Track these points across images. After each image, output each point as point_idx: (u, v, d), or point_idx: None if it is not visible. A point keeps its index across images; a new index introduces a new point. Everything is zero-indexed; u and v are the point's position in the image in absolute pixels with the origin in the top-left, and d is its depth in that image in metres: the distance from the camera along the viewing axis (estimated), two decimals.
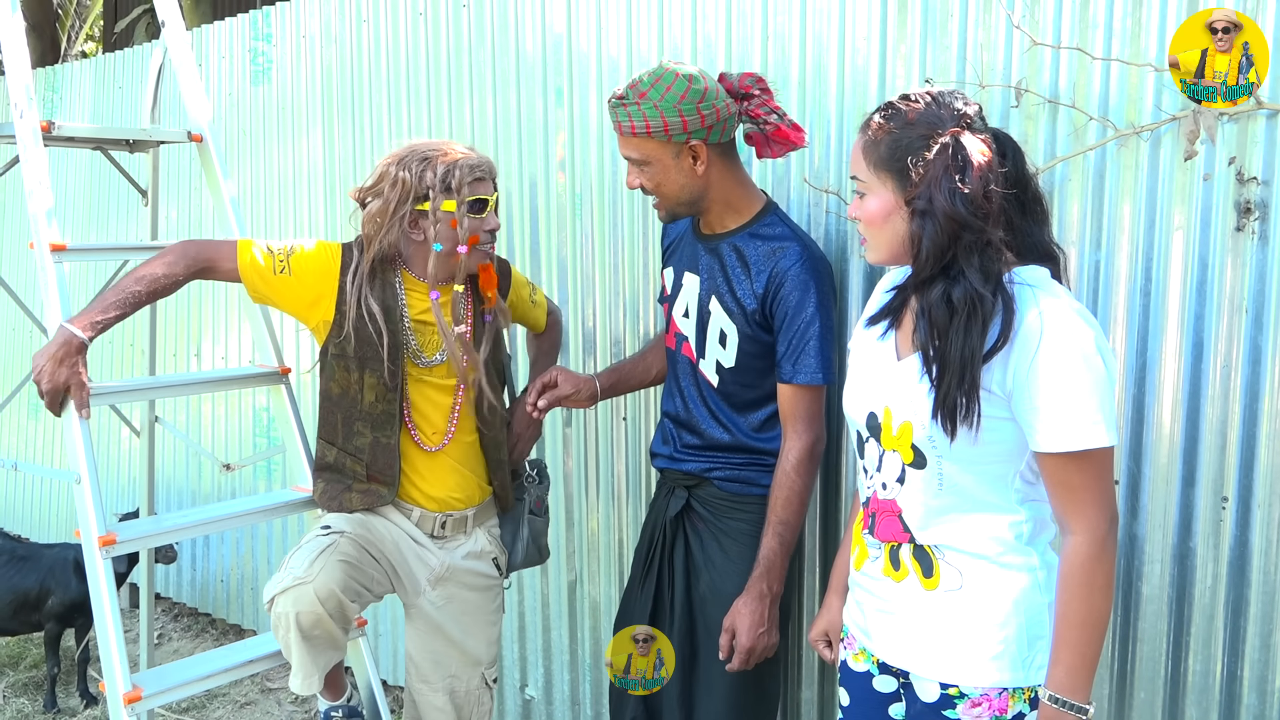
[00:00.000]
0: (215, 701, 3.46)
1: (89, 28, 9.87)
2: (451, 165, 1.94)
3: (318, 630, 1.85)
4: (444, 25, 2.95)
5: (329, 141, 3.32)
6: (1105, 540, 1.35)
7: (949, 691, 1.43)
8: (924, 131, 1.37)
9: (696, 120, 1.88)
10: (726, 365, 2.01)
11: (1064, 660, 1.35)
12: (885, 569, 1.50)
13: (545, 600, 2.89)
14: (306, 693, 1.93)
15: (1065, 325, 1.33)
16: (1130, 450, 1.91)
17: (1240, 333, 1.80)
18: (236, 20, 3.65)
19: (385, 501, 2.05)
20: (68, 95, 4.45)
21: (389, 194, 1.94)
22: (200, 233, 3.81)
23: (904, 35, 2.11)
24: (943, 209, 1.33)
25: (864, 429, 1.51)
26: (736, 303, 1.97)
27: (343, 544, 1.92)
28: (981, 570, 1.42)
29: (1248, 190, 1.77)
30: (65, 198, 4.42)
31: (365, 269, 2.00)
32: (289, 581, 1.83)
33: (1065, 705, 1.35)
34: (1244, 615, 1.82)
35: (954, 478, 1.41)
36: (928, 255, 1.35)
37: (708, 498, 2.08)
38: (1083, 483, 1.35)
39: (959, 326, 1.34)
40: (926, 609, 1.45)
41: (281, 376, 2.40)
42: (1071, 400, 1.32)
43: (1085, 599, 1.34)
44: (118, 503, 4.23)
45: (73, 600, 3.42)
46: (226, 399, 3.78)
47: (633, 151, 1.95)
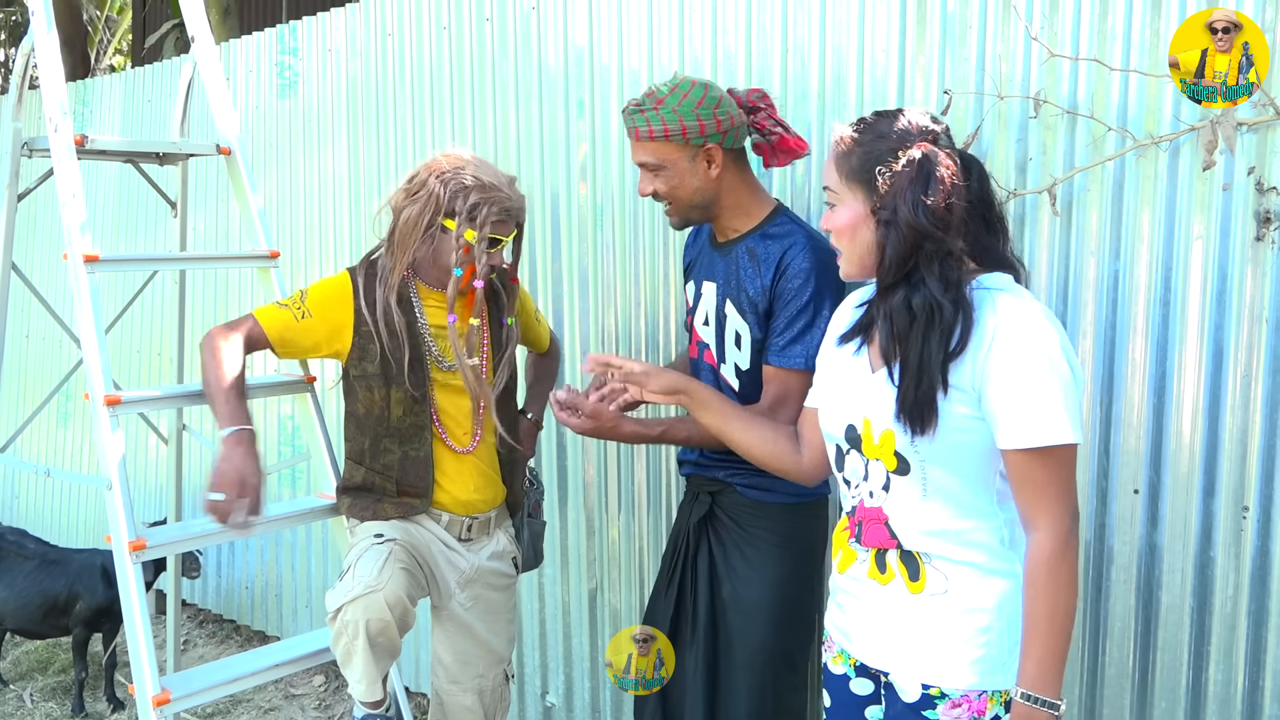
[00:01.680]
0: (239, 707, 3.50)
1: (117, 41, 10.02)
2: (482, 200, 1.99)
3: (382, 638, 1.88)
4: (467, 38, 2.99)
5: (354, 153, 3.37)
6: (1069, 536, 1.39)
7: (930, 692, 1.46)
8: (893, 145, 1.44)
9: (713, 124, 1.94)
10: (744, 367, 2.03)
11: (1034, 656, 1.39)
12: (871, 572, 1.53)
13: (566, 608, 2.90)
14: (370, 699, 1.97)
15: (1027, 324, 1.38)
16: (1150, 459, 1.92)
17: (1260, 342, 1.80)
18: (263, 34, 3.70)
19: (419, 511, 2.10)
20: (98, 109, 4.53)
21: (426, 203, 2.00)
22: (227, 244, 3.86)
23: (923, 47, 2.13)
24: (906, 219, 1.40)
25: (843, 441, 1.55)
26: (748, 301, 2.01)
27: (398, 551, 1.96)
28: (967, 575, 1.45)
29: (1267, 200, 1.77)
30: (96, 209, 4.49)
31: (394, 280, 2.04)
32: (360, 590, 1.85)
33: (1037, 701, 1.38)
34: (1266, 625, 1.82)
35: (938, 481, 1.44)
36: (890, 263, 1.42)
37: (729, 504, 2.09)
38: (1046, 479, 1.38)
39: (918, 332, 1.40)
40: (911, 612, 1.48)
41: (307, 385, 2.44)
42: (1034, 397, 1.36)
43: (1052, 595, 1.38)
44: (145, 510, 4.28)
45: (100, 605, 3.46)
46: (252, 407, 3.81)
47: (649, 156, 1.99)
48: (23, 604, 3.47)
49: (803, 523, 2.07)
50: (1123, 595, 1.96)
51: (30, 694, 3.68)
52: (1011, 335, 1.38)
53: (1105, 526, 1.97)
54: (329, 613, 1.89)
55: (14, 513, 5.10)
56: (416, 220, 2.01)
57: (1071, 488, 1.40)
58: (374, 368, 2.05)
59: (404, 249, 2.03)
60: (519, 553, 2.28)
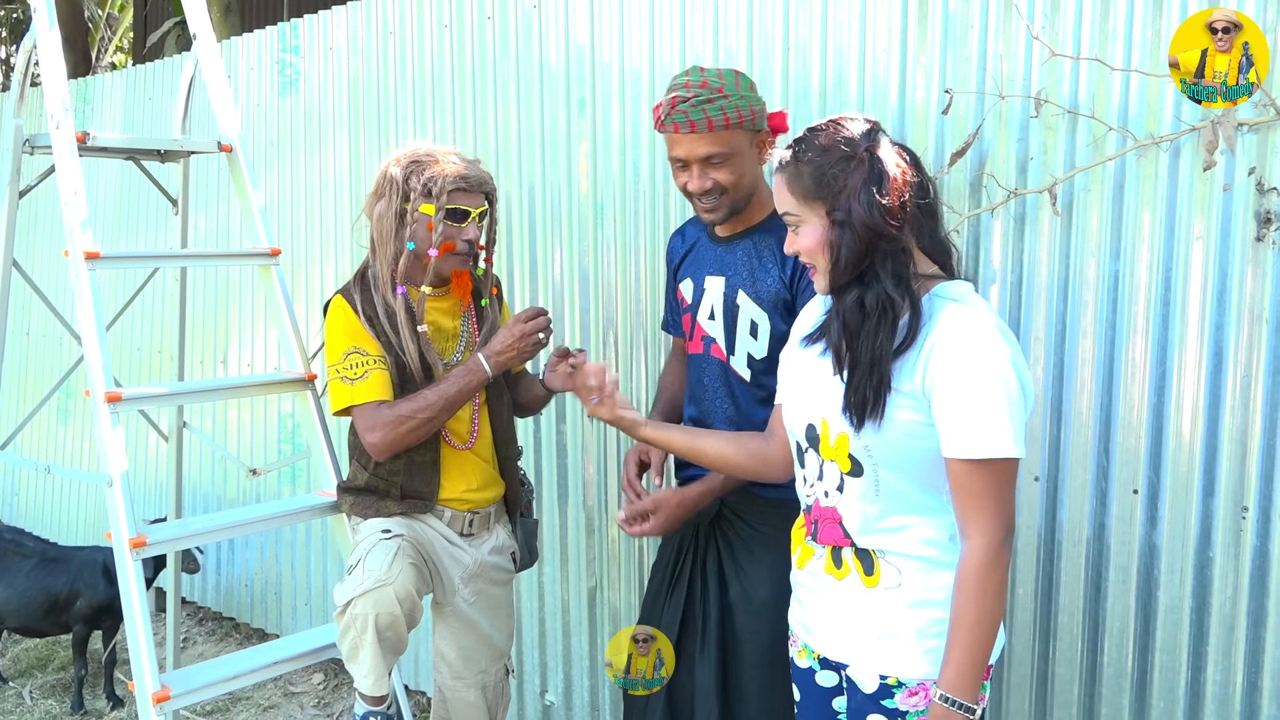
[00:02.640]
0: (239, 705, 3.50)
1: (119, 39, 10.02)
2: (437, 172, 2.02)
3: (390, 632, 1.89)
4: (468, 36, 2.99)
5: (355, 151, 3.37)
6: (1000, 548, 1.41)
7: (887, 681, 1.49)
8: (840, 154, 1.46)
9: (762, 108, 1.96)
10: (759, 356, 2.03)
11: (955, 660, 1.41)
12: (827, 567, 1.56)
13: (565, 606, 2.91)
14: (377, 692, 1.97)
15: (974, 335, 1.40)
16: (1150, 459, 1.92)
17: (1260, 342, 1.80)
18: (265, 32, 3.70)
19: (422, 511, 2.11)
20: (99, 106, 4.53)
21: (390, 194, 2.03)
22: (228, 241, 3.86)
23: (924, 46, 2.13)
24: (860, 219, 1.42)
25: (803, 440, 1.57)
26: (766, 289, 2.00)
27: (406, 546, 1.97)
28: (918, 569, 1.48)
29: (1268, 200, 1.77)
30: (97, 206, 4.49)
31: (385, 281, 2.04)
32: (370, 584, 1.86)
33: (955, 704, 1.40)
34: (1264, 626, 1.82)
35: (890, 483, 1.47)
36: (845, 264, 1.44)
37: (739, 504, 2.09)
38: (982, 490, 1.40)
39: (870, 329, 1.43)
40: (866, 605, 1.51)
41: (307, 383, 2.44)
42: (976, 408, 1.38)
43: (978, 603, 1.40)
44: (145, 507, 4.29)
45: (101, 602, 3.47)
46: (253, 405, 3.83)
47: (719, 147, 1.93)
48: (24, 602, 3.47)
49: None
50: (1121, 595, 1.96)
51: (30, 691, 3.68)
52: (957, 345, 1.39)
53: (1104, 526, 1.97)
54: (337, 606, 1.89)
55: (14, 510, 5.11)
56: (385, 214, 2.03)
57: (1008, 500, 1.42)
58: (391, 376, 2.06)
59: (384, 246, 2.04)
60: (516, 547, 2.29)
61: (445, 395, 1.99)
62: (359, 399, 1.99)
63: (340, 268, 3.46)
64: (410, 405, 1.98)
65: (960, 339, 1.40)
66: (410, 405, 1.98)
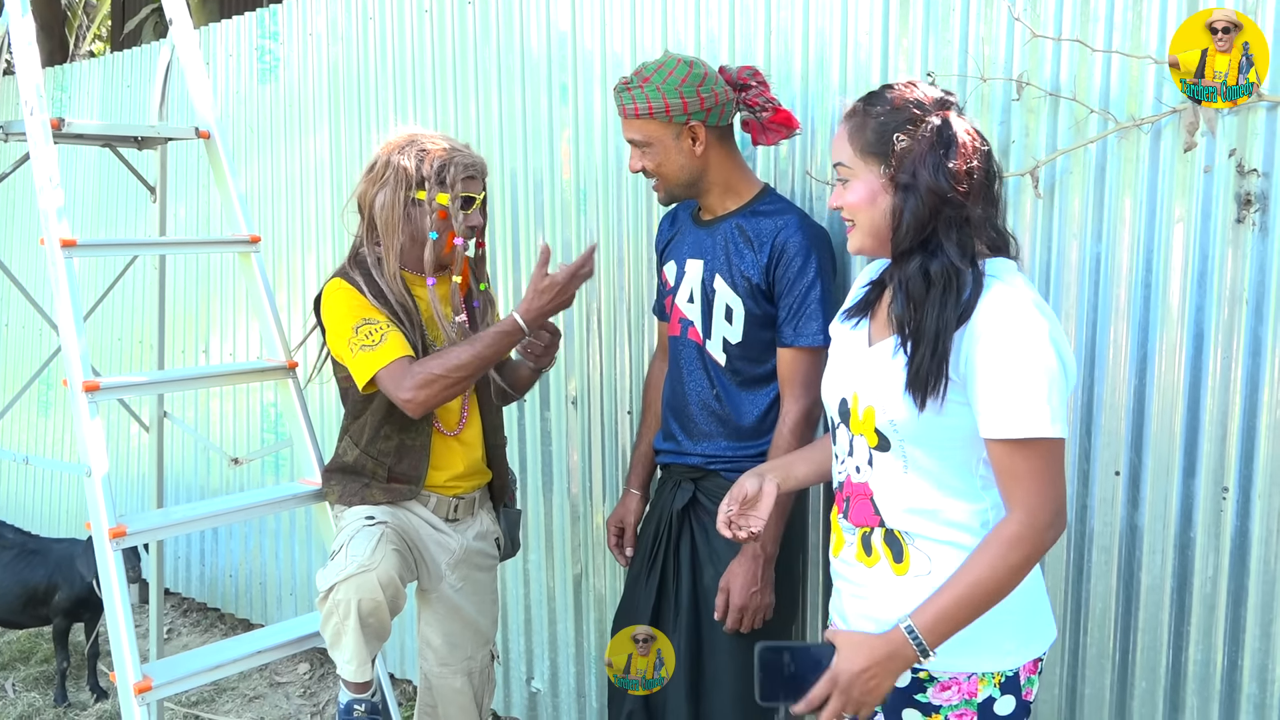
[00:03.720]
0: (224, 695, 3.49)
1: (96, 27, 9.92)
2: (448, 160, 2.01)
3: (373, 618, 1.87)
4: (449, 22, 2.96)
5: (335, 138, 3.34)
6: (1044, 530, 1.35)
7: (919, 675, 1.45)
8: (910, 115, 1.42)
9: (696, 102, 1.97)
10: (734, 341, 2.04)
11: (940, 604, 1.35)
12: (858, 555, 1.52)
13: (551, 594, 2.90)
14: (359, 679, 1.96)
15: (1015, 312, 1.36)
16: (1131, 441, 1.92)
17: (1241, 324, 1.81)
18: (244, 18, 3.67)
19: (407, 497, 2.09)
20: (77, 94, 4.48)
21: (395, 182, 2.01)
22: (209, 229, 3.83)
23: (906, 29, 2.13)
24: (926, 183, 1.38)
25: (836, 415, 1.55)
26: (742, 276, 2.02)
27: (390, 533, 1.95)
28: (950, 556, 1.43)
29: (1248, 182, 1.78)
30: (75, 195, 4.45)
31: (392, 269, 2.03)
32: (353, 569, 1.84)
33: (914, 637, 1.34)
34: (1244, 605, 1.83)
35: (917, 460, 1.43)
36: (908, 228, 1.39)
37: (714, 490, 2.09)
38: (1025, 471, 1.35)
39: (935, 299, 1.37)
40: (897, 594, 1.47)
41: (289, 371, 2.42)
42: (1017, 388, 1.34)
43: (990, 566, 1.34)
44: (127, 497, 4.26)
45: (80, 595, 3.44)
46: (235, 395, 3.81)
47: (636, 134, 2.02)
48: (2, 594, 3.45)
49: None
50: (1104, 576, 1.97)
51: (13, 684, 3.66)
52: (998, 323, 1.36)
53: (1087, 508, 1.98)
54: (319, 592, 1.88)
55: None
56: (392, 202, 2.01)
57: (1057, 481, 1.36)
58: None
59: (391, 235, 2.02)
60: (501, 533, 2.29)
61: (478, 355, 1.92)
62: (385, 359, 1.92)
63: (322, 256, 3.43)
64: (442, 363, 1.91)
65: (998, 317, 1.35)
66: (442, 363, 1.91)
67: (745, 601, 1.96)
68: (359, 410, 2.10)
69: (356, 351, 1.94)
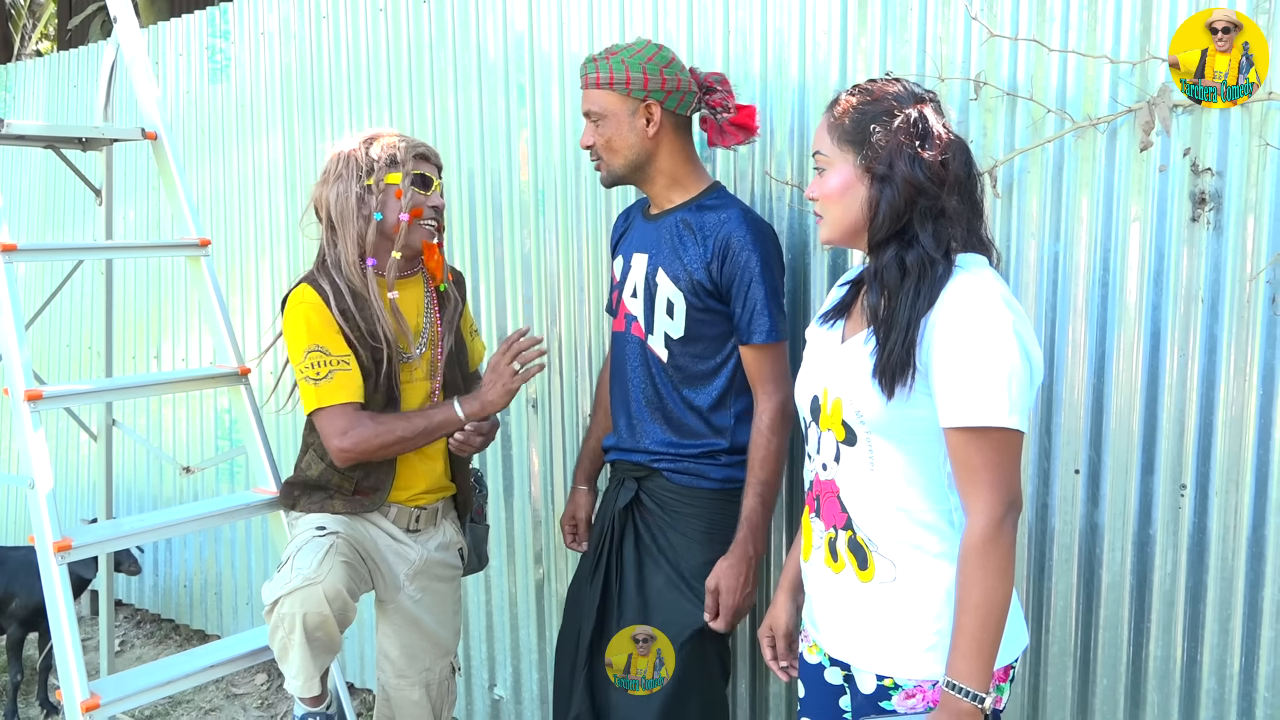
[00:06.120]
0: (180, 709, 3.41)
1: (43, 26, 9.70)
2: (396, 143, 2.01)
3: (320, 632, 1.83)
4: (404, 22, 2.92)
5: (289, 139, 3.28)
6: (1001, 524, 1.35)
7: (884, 683, 1.44)
8: (888, 106, 1.43)
9: (658, 81, 1.98)
10: (675, 336, 2.03)
11: (960, 646, 1.35)
12: (826, 560, 1.51)
13: (513, 599, 2.87)
14: (307, 694, 1.92)
15: (980, 303, 1.36)
16: (1090, 439, 1.93)
17: (1196, 322, 1.82)
18: (194, 17, 3.59)
19: (370, 510, 2.05)
20: (21, 94, 4.37)
21: (347, 175, 1.98)
22: (159, 233, 3.75)
23: (864, 29, 2.12)
24: (903, 174, 1.39)
25: (808, 414, 1.54)
26: (683, 270, 2.01)
27: (340, 545, 1.91)
28: (915, 561, 1.43)
29: (1202, 181, 1.79)
30: (20, 198, 4.34)
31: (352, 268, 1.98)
32: (298, 582, 1.81)
33: (960, 691, 1.34)
34: (1203, 601, 1.85)
35: (883, 454, 1.42)
36: (884, 218, 1.41)
37: (656, 490, 2.08)
38: (982, 463, 1.35)
39: (909, 288, 1.39)
40: (863, 601, 1.46)
41: (241, 377, 2.37)
42: (976, 377, 1.34)
43: (979, 583, 1.34)
44: (78, 507, 4.16)
45: (37, 604, 3.34)
46: (188, 401, 3.73)
47: (593, 104, 2.02)
48: None
49: (729, 509, 2.05)
50: (1064, 574, 1.98)
51: None
52: (960, 311, 1.35)
53: (1047, 506, 1.99)
54: (265, 605, 1.84)
55: None
56: (345, 194, 1.98)
57: (1010, 475, 1.36)
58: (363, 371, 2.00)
59: (346, 226, 1.98)
60: (465, 543, 2.25)
61: (417, 433, 1.97)
62: (327, 401, 1.92)
63: (275, 259, 3.37)
64: (379, 430, 1.93)
65: (961, 306, 1.36)
66: (379, 430, 1.93)
67: (736, 602, 1.97)
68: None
69: (303, 380, 1.94)
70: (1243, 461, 1.79)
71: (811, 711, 1.61)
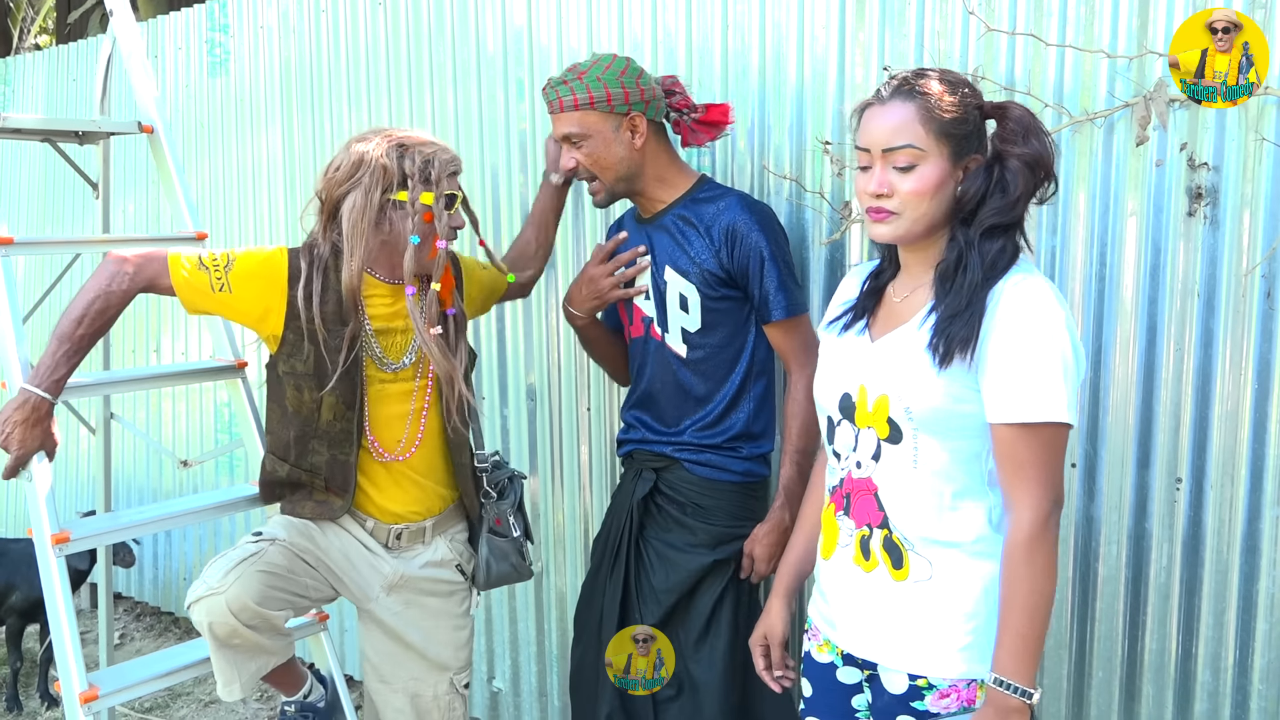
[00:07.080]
0: (179, 701, 3.42)
1: (42, 20, 9.69)
2: (431, 157, 1.86)
3: (236, 640, 1.80)
4: (404, 16, 2.92)
5: (288, 133, 3.28)
6: (1047, 521, 1.35)
7: (917, 683, 1.42)
8: (977, 100, 1.44)
9: (636, 93, 1.99)
10: (692, 329, 2.03)
11: (1006, 643, 1.35)
12: (855, 558, 1.49)
13: (511, 592, 2.87)
14: (229, 699, 1.91)
15: (1032, 300, 1.36)
16: (1086, 433, 1.94)
17: (1193, 316, 1.82)
18: (193, 11, 3.59)
19: (338, 514, 1.97)
20: (20, 88, 4.36)
21: (368, 182, 1.83)
22: (158, 227, 3.75)
23: (863, 23, 2.12)
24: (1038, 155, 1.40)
25: (836, 413, 1.51)
26: (691, 263, 2.02)
27: (271, 553, 1.84)
28: (952, 560, 1.41)
29: (1198, 175, 1.79)
30: (19, 191, 4.34)
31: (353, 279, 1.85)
32: (203, 591, 1.78)
33: (1009, 688, 1.34)
34: (1198, 594, 1.85)
35: (929, 452, 1.41)
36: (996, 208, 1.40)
37: (676, 481, 2.08)
38: (1030, 458, 1.35)
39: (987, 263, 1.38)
40: (895, 600, 1.44)
41: (238, 370, 2.37)
42: (1028, 372, 1.33)
43: (1026, 579, 1.34)
44: (76, 501, 4.17)
45: (37, 597, 3.35)
46: (187, 395, 3.73)
47: (573, 127, 2.00)
48: None
49: (748, 501, 2.07)
50: (1061, 568, 1.98)
51: None
52: (1015, 309, 1.35)
53: None
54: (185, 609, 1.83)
55: None
56: (365, 204, 1.83)
57: (1057, 471, 1.36)
58: (305, 367, 1.88)
59: (358, 239, 1.83)
60: (467, 560, 2.11)
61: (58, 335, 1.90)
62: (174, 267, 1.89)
63: None
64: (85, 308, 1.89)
65: (1019, 302, 1.35)
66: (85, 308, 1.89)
67: (766, 572, 2.02)
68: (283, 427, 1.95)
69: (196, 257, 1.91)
70: (1238, 455, 1.80)
71: (819, 710, 1.59)
